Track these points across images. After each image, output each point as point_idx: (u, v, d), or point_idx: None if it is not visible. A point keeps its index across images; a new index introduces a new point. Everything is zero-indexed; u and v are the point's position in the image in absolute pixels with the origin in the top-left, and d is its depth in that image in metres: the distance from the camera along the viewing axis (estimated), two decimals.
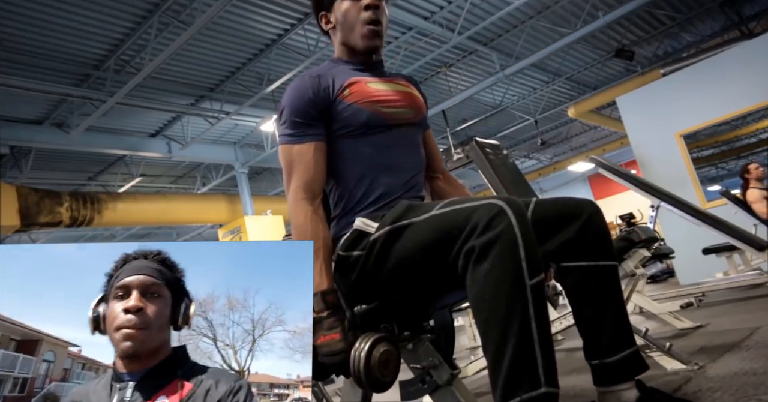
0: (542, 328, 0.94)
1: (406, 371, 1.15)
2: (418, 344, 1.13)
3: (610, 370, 1.14)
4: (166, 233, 14.13)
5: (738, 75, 5.58)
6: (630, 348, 1.14)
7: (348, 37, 1.33)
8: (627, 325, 1.17)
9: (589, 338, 1.17)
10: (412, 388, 1.12)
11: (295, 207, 1.20)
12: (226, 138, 9.59)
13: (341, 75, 1.30)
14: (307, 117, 1.24)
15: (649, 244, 2.54)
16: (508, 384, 0.92)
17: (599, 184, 15.34)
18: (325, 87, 1.26)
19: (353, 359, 1.02)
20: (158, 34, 5.83)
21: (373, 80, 1.33)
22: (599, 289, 1.17)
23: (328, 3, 1.35)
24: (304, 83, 1.27)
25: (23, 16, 5.28)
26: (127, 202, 8.30)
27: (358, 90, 1.28)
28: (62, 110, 7.17)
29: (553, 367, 0.94)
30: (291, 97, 1.26)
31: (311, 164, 1.22)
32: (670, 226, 5.70)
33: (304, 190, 1.21)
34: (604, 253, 1.18)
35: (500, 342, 0.93)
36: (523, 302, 0.93)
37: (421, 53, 7.65)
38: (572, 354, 2.64)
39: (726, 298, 3.61)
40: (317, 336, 1.06)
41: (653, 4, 7.49)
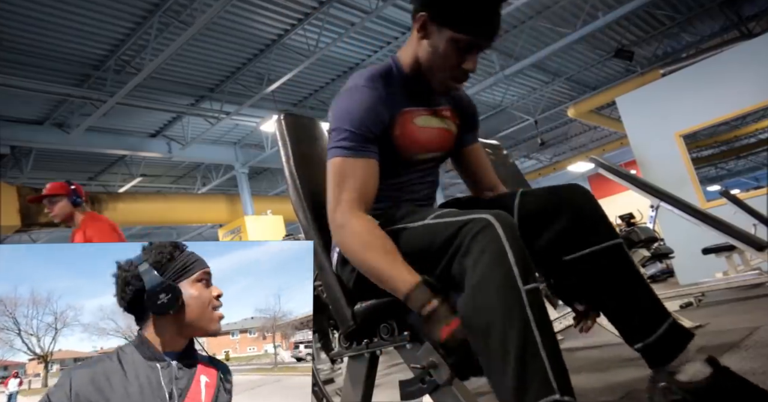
0: (545, 332, 0.90)
1: (406, 371, 1.15)
2: (418, 344, 1.13)
3: (658, 348, 1.09)
4: (166, 233, 14.13)
5: (737, 75, 5.58)
6: (667, 320, 1.10)
7: (432, 70, 1.22)
8: (655, 299, 1.13)
9: (622, 324, 1.13)
10: (412, 388, 1.12)
11: (349, 217, 1.12)
12: (226, 138, 9.59)
13: (397, 100, 1.24)
14: (368, 132, 1.17)
15: (648, 244, 2.55)
16: (519, 394, 0.87)
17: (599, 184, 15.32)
18: (384, 111, 1.20)
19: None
20: (158, 35, 5.84)
21: (422, 114, 1.28)
22: (612, 272, 1.13)
23: (442, 19, 1.16)
24: (371, 97, 1.19)
25: (23, 16, 5.28)
26: (128, 202, 8.31)
27: (404, 130, 1.23)
28: (62, 110, 7.18)
29: (564, 373, 0.89)
30: (355, 108, 1.18)
31: (367, 179, 1.16)
32: (670, 226, 5.70)
33: (358, 201, 1.14)
34: (603, 235, 1.15)
35: (505, 350, 0.89)
36: (520, 307, 0.90)
37: None
38: (572, 354, 2.65)
39: (725, 298, 3.61)
40: (438, 330, 0.97)
41: (653, 5, 7.49)
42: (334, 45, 6.77)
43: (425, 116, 1.28)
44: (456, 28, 1.14)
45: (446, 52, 1.17)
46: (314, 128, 1.57)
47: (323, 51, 6.71)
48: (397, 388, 1.13)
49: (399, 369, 3.36)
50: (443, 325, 0.96)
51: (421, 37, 1.21)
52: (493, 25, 1.16)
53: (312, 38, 6.59)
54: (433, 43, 1.19)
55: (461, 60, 1.18)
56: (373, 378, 1.29)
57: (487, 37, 1.17)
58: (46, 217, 7.14)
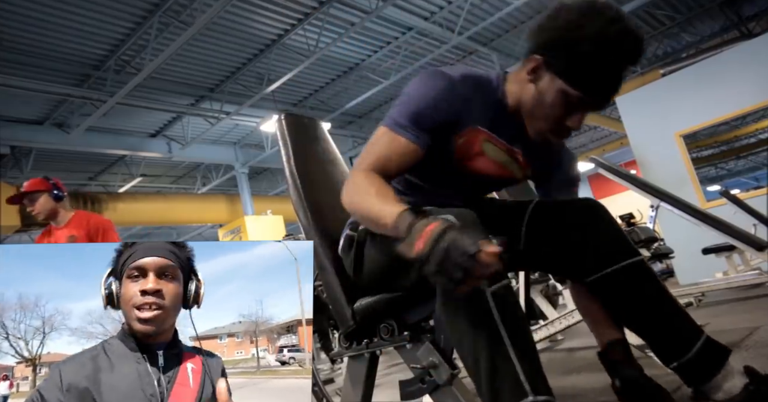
0: (515, 333, 0.88)
1: (406, 371, 1.15)
2: (418, 344, 1.13)
3: (695, 366, 1.05)
4: (166, 233, 14.13)
5: (737, 75, 5.58)
6: (701, 337, 1.06)
7: (533, 117, 1.11)
8: (684, 314, 1.09)
9: (654, 343, 1.10)
10: (412, 388, 1.12)
11: (358, 173, 1.06)
12: (226, 138, 9.59)
13: (480, 111, 1.12)
14: (428, 119, 1.08)
15: (648, 244, 2.55)
16: (493, 399, 0.87)
17: (599, 184, 15.33)
18: (459, 112, 1.10)
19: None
20: (158, 35, 5.84)
21: (494, 143, 1.15)
22: (637, 291, 1.10)
23: (557, 67, 1.03)
24: (455, 89, 1.09)
25: (23, 16, 5.28)
26: (128, 202, 8.31)
27: (468, 147, 1.13)
28: (62, 110, 7.18)
29: (538, 373, 0.88)
30: (430, 92, 1.08)
31: (396, 157, 1.07)
32: (670, 226, 5.70)
33: (376, 167, 1.07)
34: (622, 253, 1.11)
35: (475, 358, 0.89)
36: (485, 311, 0.89)
37: (421, 53, 7.65)
38: (572, 354, 2.65)
39: (725, 298, 3.61)
40: (413, 246, 0.84)
41: (653, 5, 7.50)
42: (334, 45, 6.77)
43: (495, 147, 1.16)
44: (571, 82, 1.02)
45: (554, 103, 1.05)
46: (315, 128, 1.57)
47: (323, 51, 6.71)
48: (397, 388, 1.13)
49: (399, 369, 3.36)
50: (417, 237, 0.84)
51: (530, 80, 1.08)
52: (612, 87, 1.04)
53: (312, 38, 6.59)
54: (541, 90, 1.06)
55: (567, 115, 1.06)
56: (373, 378, 1.29)
57: (603, 99, 1.05)
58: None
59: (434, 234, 0.82)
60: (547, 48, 1.04)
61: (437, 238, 0.81)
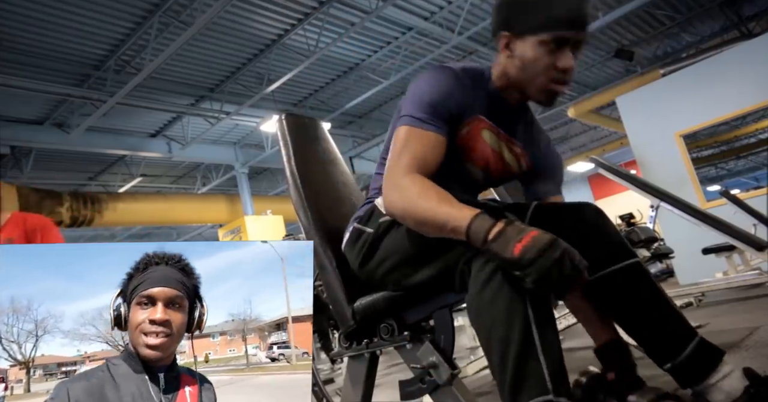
0: (546, 334, 0.91)
1: (406, 371, 1.15)
2: (418, 344, 1.13)
3: (688, 368, 1.06)
4: (166, 233, 14.13)
5: (738, 75, 5.58)
6: (694, 338, 1.07)
7: (525, 82, 1.16)
8: (679, 316, 1.10)
9: (647, 345, 1.11)
10: (412, 388, 1.12)
11: (403, 176, 1.05)
12: (226, 138, 9.59)
13: (480, 102, 1.18)
14: (443, 109, 1.12)
15: (648, 244, 2.55)
16: (514, 392, 0.90)
17: (599, 184, 15.33)
18: (464, 102, 1.15)
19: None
20: (158, 35, 5.84)
21: (493, 132, 1.21)
22: (633, 292, 1.11)
23: (520, 30, 1.12)
24: (459, 80, 1.15)
25: (23, 16, 5.28)
26: (128, 202, 8.30)
27: (471, 136, 1.18)
28: (62, 110, 7.18)
29: (562, 375, 0.91)
30: (438, 85, 1.13)
31: (429, 150, 1.09)
32: (670, 226, 5.70)
33: (416, 166, 1.07)
34: (619, 255, 1.13)
35: (503, 351, 0.91)
36: (522, 308, 0.92)
37: (421, 53, 7.65)
38: (572, 354, 2.65)
39: (725, 298, 3.61)
40: (511, 248, 0.89)
41: (653, 5, 7.49)
42: (334, 45, 6.77)
43: (494, 136, 1.22)
44: (540, 29, 1.08)
45: (537, 56, 1.10)
46: (315, 128, 1.58)
47: (323, 51, 6.71)
48: (397, 388, 1.13)
49: (399, 369, 3.36)
50: (515, 242, 0.88)
51: (509, 56, 1.16)
52: (574, 11, 1.08)
53: (312, 38, 6.59)
54: (521, 56, 1.13)
55: (554, 60, 1.10)
56: (373, 378, 1.29)
57: (571, 25, 1.09)
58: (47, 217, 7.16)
59: (542, 242, 0.88)
60: (507, 20, 1.14)
61: (547, 247, 0.87)
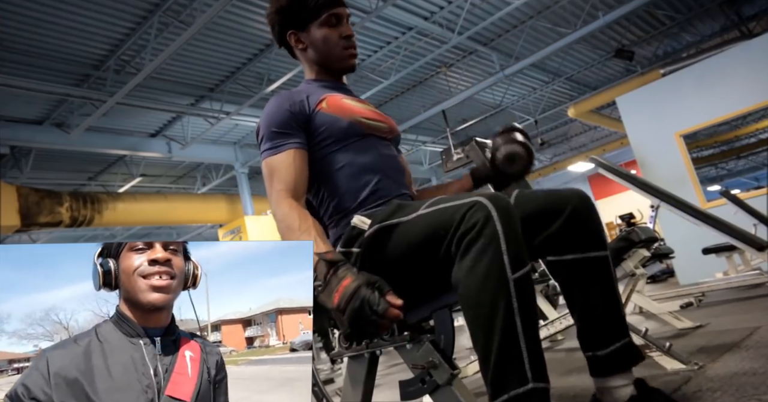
0: (527, 323, 0.93)
1: (406, 371, 1.15)
2: (418, 344, 1.13)
3: (603, 362, 1.14)
4: (166, 233, 14.13)
5: (738, 75, 5.58)
6: (622, 340, 1.14)
7: (327, 57, 1.39)
8: (619, 317, 1.16)
9: (583, 331, 1.18)
10: (412, 388, 1.12)
11: (278, 204, 1.18)
12: (226, 138, 9.59)
13: (316, 91, 1.35)
14: (285, 127, 1.25)
15: (648, 244, 2.55)
16: (496, 381, 0.93)
17: (599, 184, 15.32)
18: (301, 100, 1.29)
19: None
20: (158, 34, 5.83)
21: (348, 98, 1.38)
22: (589, 282, 1.16)
23: (302, 24, 1.37)
24: (279, 99, 1.30)
25: (23, 16, 5.28)
26: (127, 202, 8.29)
27: (335, 103, 1.32)
28: (62, 110, 7.17)
29: (541, 362, 0.94)
30: (268, 113, 1.28)
31: (292, 169, 1.22)
32: (670, 226, 5.70)
33: (287, 190, 1.19)
34: (592, 245, 1.16)
35: (486, 339, 0.93)
36: (506, 297, 0.93)
37: (421, 53, 7.65)
38: (572, 354, 2.65)
39: (726, 298, 3.61)
40: (331, 300, 0.98)
41: (653, 4, 7.49)
42: None
43: (351, 100, 1.38)
44: (313, 17, 1.34)
45: (324, 36, 1.35)
46: None
47: None
48: (397, 388, 1.13)
49: (399, 369, 3.36)
50: (335, 293, 0.97)
51: (303, 48, 1.39)
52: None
53: None
54: (312, 44, 1.37)
55: (338, 33, 1.36)
56: (373, 378, 1.29)
57: (334, 3, 1.35)
58: (46, 217, 7.16)
59: (348, 292, 0.95)
60: (288, 23, 1.37)
61: (350, 297, 0.95)
